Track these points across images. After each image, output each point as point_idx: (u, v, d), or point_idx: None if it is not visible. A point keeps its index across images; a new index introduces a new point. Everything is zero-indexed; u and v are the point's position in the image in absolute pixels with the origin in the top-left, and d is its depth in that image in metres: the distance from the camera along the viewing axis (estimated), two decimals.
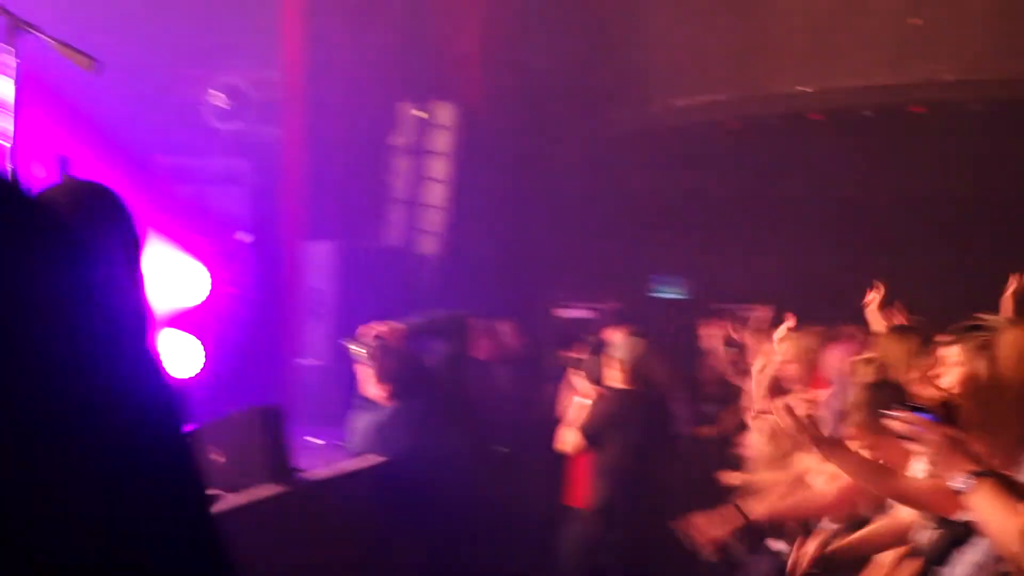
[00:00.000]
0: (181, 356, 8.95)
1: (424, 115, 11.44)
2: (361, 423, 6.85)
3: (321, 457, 6.52)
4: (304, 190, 10.64)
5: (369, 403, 6.94)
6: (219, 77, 10.18)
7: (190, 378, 8.92)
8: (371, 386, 6.88)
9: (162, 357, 2.40)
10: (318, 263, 10.40)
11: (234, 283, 9.65)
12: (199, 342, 8.99)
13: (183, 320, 8.95)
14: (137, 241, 2.49)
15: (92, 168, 7.01)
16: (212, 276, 9.10)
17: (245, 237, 9.93)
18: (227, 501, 4.71)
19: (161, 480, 1.38)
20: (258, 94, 10.32)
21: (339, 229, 10.72)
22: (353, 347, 6.90)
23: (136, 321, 2.32)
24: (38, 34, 4.92)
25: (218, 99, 10.06)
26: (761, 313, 8.86)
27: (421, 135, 11.58)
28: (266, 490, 5.10)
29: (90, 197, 2.48)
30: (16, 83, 4.91)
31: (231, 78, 10.23)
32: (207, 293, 9.07)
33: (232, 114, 10.16)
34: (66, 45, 4.95)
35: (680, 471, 7.99)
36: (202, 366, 9.01)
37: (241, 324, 9.53)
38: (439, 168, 11.53)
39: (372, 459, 6.37)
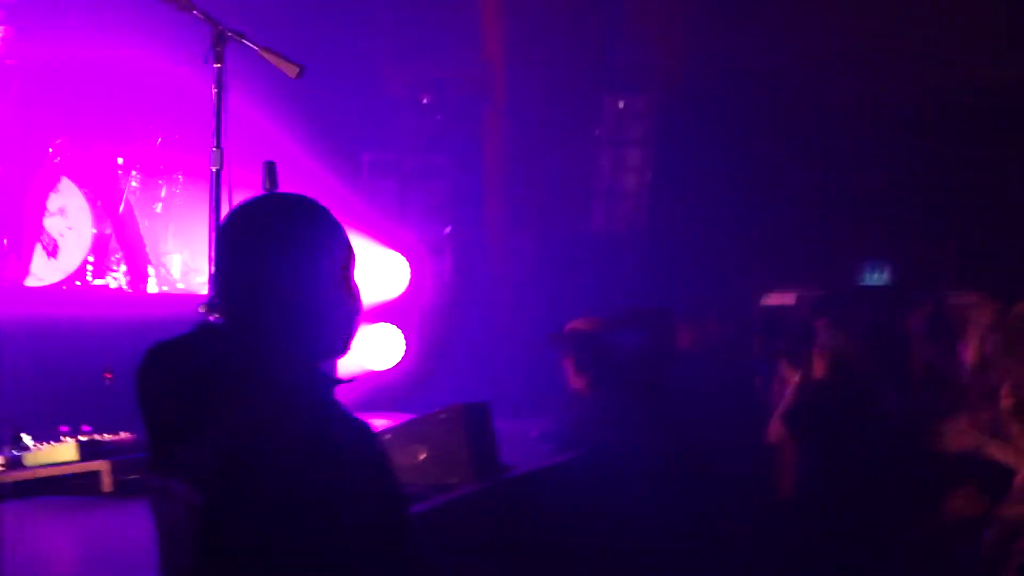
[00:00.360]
0: (383, 348, 9.12)
1: (622, 105, 11.37)
2: (563, 416, 6.86)
3: (525, 451, 6.54)
4: (505, 182, 10.70)
5: (571, 395, 6.94)
6: (422, 73, 10.31)
7: (391, 370, 9.08)
8: (571, 378, 6.88)
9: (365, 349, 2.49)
10: (519, 255, 10.44)
11: (436, 275, 9.77)
12: (401, 334, 9.14)
13: (385, 312, 9.11)
14: (351, 252, 2.52)
15: (300, 169, 7.16)
16: (413, 268, 9.24)
17: (447, 230, 10.04)
18: (430, 499, 4.74)
19: None
20: (459, 88, 10.42)
21: (539, 221, 10.74)
22: (554, 339, 6.90)
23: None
24: (245, 42, 5.05)
25: (421, 95, 10.19)
26: (971, 300, 8.53)
27: (620, 125, 11.51)
28: (471, 487, 5.12)
29: (299, 212, 2.52)
30: (221, 90, 5.05)
31: (433, 73, 10.34)
32: (408, 285, 9.21)
33: (434, 108, 10.28)
34: (273, 52, 5.06)
35: (886, 460, 7.75)
36: (404, 358, 9.16)
37: (443, 316, 9.65)
38: (638, 157, 11.45)
39: (575, 452, 6.36)
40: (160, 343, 2.53)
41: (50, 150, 8.08)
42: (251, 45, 5.08)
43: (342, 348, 2.54)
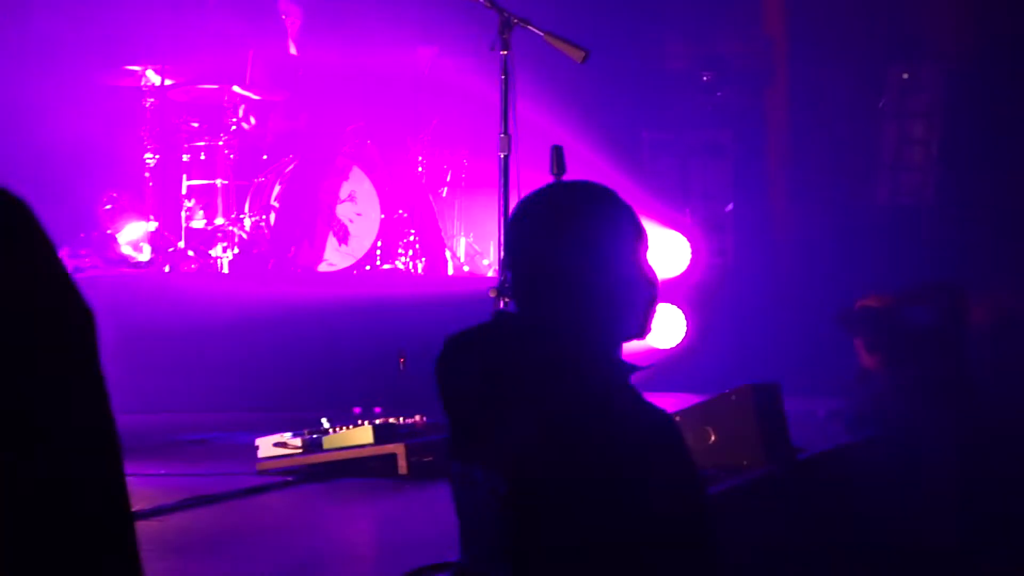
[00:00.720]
0: (665, 328, 9.06)
1: (906, 76, 10.94)
2: (854, 395, 6.67)
3: (815, 431, 6.38)
4: (787, 158, 10.48)
5: (862, 373, 6.74)
6: (703, 50, 10.20)
7: (674, 349, 9.01)
8: (863, 356, 6.68)
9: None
10: (802, 231, 10.20)
11: (718, 254, 9.65)
12: (682, 314, 9.06)
13: (666, 292, 9.04)
14: (643, 235, 2.50)
15: (582, 150, 7.19)
16: (694, 247, 9.14)
17: (729, 207, 9.90)
18: (721, 482, 4.68)
19: None
20: (741, 64, 10.25)
21: (823, 195, 10.47)
22: (844, 317, 6.72)
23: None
24: (531, 28, 5.08)
25: (702, 72, 10.07)
26: None
27: (904, 96, 11.09)
28: (762, 469, 5.02)
29: (590, 198, 2.50)
30: (508, 77, 5.11)
31: (715, 50, 10.22)
32: (689, 264, 9.12)
33: (715, 85, 10.14)
34: (558, 37, 5.08)
35: None
36: (686, 337, 9.07)
37: (725, 294, 9.52)
38: (923, 129, 11.00)
39: (870, 432, 6.17)
40: (458, 333, 2.55)
41: (343, 136, 8.40)
42: (536, 31, 5.12)
43: (640, 331, 2.52)
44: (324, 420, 5.19)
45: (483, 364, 2.47)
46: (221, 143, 8.17)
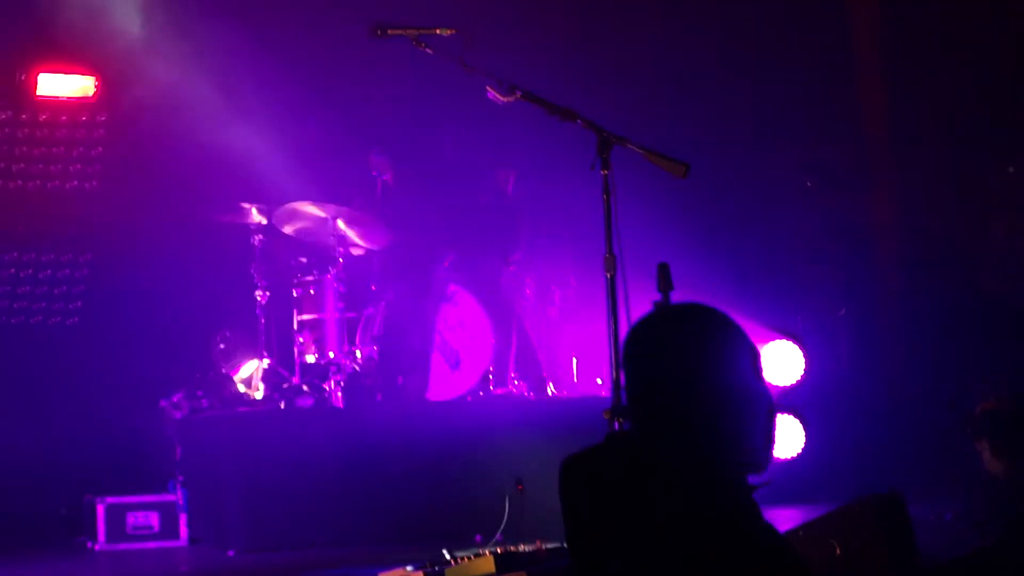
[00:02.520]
0: (784, 437, 8.90)
1: (1012, 170, 10.78)
2: (980, 498, 6.46)
3: (942, 535, 6.21)
4: (897, 261, 10.37)
5: (990, 479, 6.53)
6: (804, 155, 10.20)
7: (791, 459, 8.84)
8: (988, 460, 6.47)
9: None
10: (916, 334, 10.02)
11: (833, 360, 9.53)
12: (800, 423, 8.90)
13: (782, 401, 8.90)
14: (758, 355, 2.49)
15: (688, 265, 7.17)
16: (808, 355, 9.02)
17: (841, 312, 9.80)
18: None
19: None
20: (844, 168, 10.24)
21: (936, 297, 10.28)
22: (968, 421, 6.53)
23: None
24: (630, 146, 5.12)
25: (805, 179, 10.06)
26: None
27: (1012, 191, 10.92)
28: None
29: (705, 321, 2.51)
30: (610, 196, 5.13)
31: (816, 154, 10.21)
32: (803, 372, 8.98)
33: (819, 190, 10.11)
34: (658, 154, 5.10)
35: None
36: (804, 447, 8.90)
37: (842, 402, 9.35)
38: None
39: (998, 537, 5.95)
40: (575, 455, 2.58)
41: (444, 263, 8.49)
42: (636, 149, 5.15)
43: (764, 450, 2.51)
44: (445, 551, 5.16)
45: (599, 484, 2.50)
46: (330, 276, 8.29)
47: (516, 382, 8.47)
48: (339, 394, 8.07)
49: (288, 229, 8.42)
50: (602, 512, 2.46)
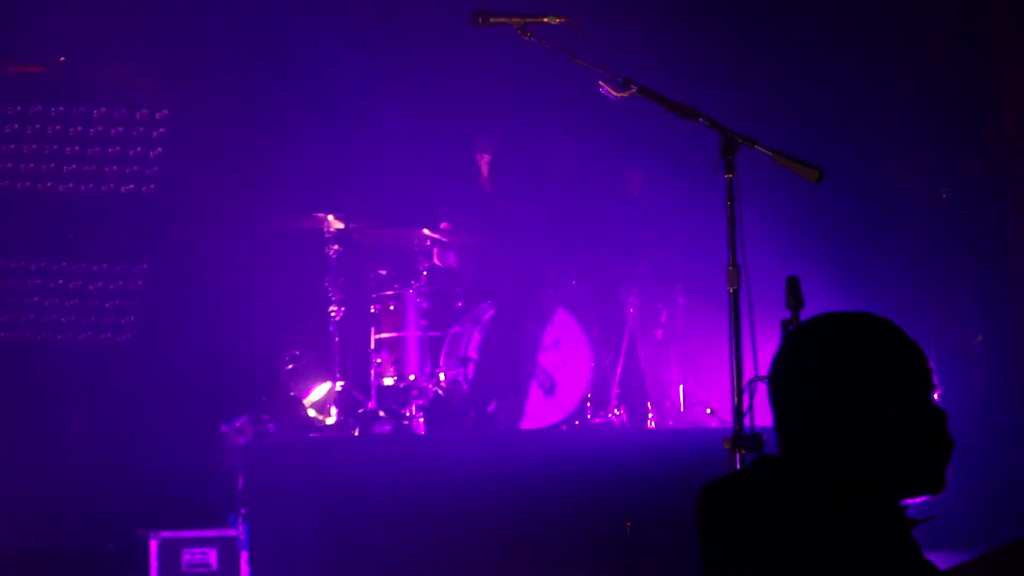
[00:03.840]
0: None
1: None
2: None
3: None
4: None
5: None
6: (937, 165, 10.14)
7: (927, 498, 8.76)
8: None
9: None
10: None
11: (969, 390, 9.46)
12: None
13: None
14: (929, 371, 2.49)
15: (816, 279, 7.16)
16: (942, 382, 8.97)
17: (979, 338, 9.73)
18: None
19: None
20: (984, 180, 10.16)
21: None
22: None
23: None
24: (758, 148, 5.14)
25: (940, 190, 9.99)
26: None
27: None
28: None
29: (870, 331, 2.52)
30: (733, 201, 5.16)
31: (948, 164, 10.15)
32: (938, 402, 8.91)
33: (954, 203, 10.05)
34: (789, 157, 5.12)
35: None
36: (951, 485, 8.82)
37: (981, 435, 9.27)
38: None
39: None
40: (715, 482, 2.61)
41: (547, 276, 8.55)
42: (765, 151, 5.17)
43: (935, 481, 2.51)
44: None
45: (748, 515, 2.50)
46: (412, 291, 8.37)
47: (617, 410, 8.49)
48: (420, 420, 8.14)
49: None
50: (749, 542, 2.47)
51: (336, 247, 8.54)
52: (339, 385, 8.47)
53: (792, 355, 2.58)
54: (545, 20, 5.62)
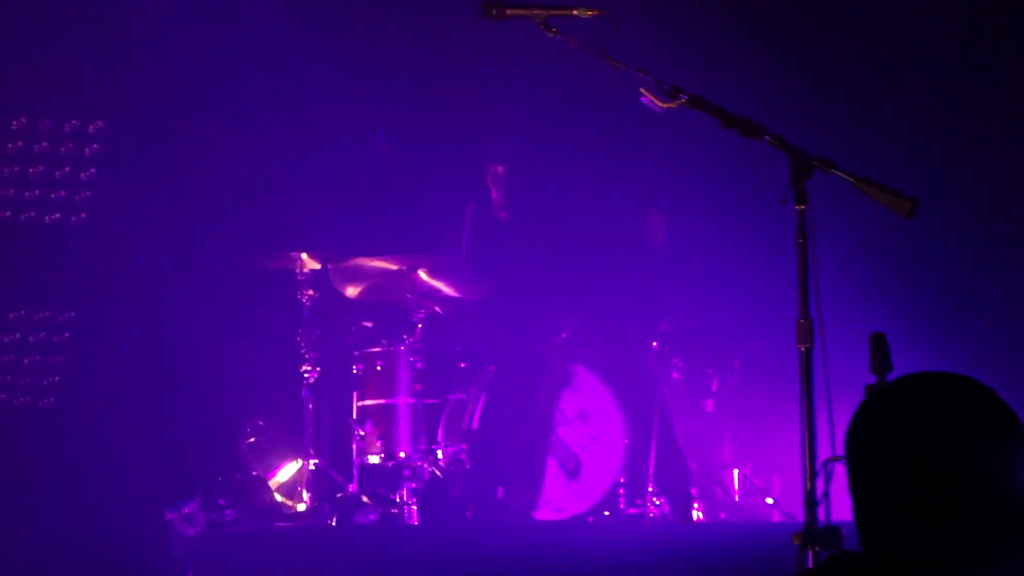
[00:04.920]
0: None
1: None
2: None
3: None
4: None
5: None
6: None
7: None
8: None
9: None
10: None
11: None
12: None
13: None
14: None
15: (903, 339, 7.17)
16: None
17: None
18: None
19: None
20: None
21: None
22: None
23: None
24: (838, 172, 5.16)
25: None
26: None
27: None
28: None
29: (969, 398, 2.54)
30: (807, 241, 5.17)
31: None
32: None
33: None
34: (877, 185, 5.13)
35: None
36: None
37: None
38: None
39: None
40: None
41: (562, 335, 8.53)
42: (845, 176, 5.17)
43: None
44: None
45: None
46: (404, 348, 8.37)
47: (656, 499, 8.46)
48: (413, 508, 8.13)
49: (351, 292, 8.56)
50: None
51: (311, 292, 8.56)
52: (312, 463, 8.47)
53: (876, 427, 2.59)
54: (575, 13, 5.62)
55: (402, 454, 8.34)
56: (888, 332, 5.16)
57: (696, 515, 8.68)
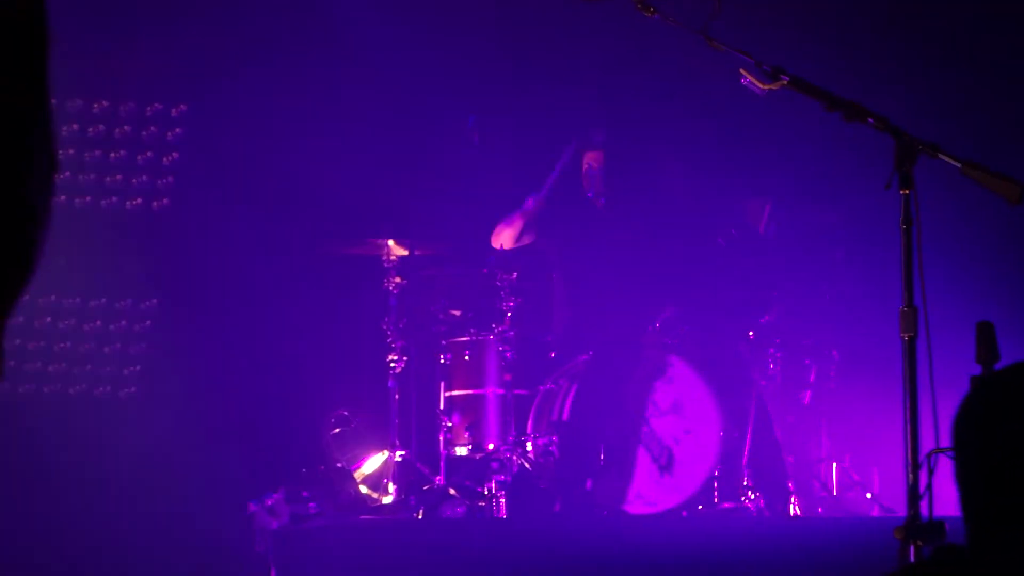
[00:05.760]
0: None
1: None
2: None
3: None
4: None
5: None
6: None
7: None
8: None
9: None
10: None
11: None
12: None
13: None
14: None
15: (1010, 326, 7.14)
16: None
17: None
18: None
19: None
20: None
21: None
22: None
23: None
24: (944, 157, 5.15)
25: None
26: None
27: None
28: None
29: None
30: (912, 226, 5.17)
31: None
32: None
33: None
34: (986, 170, 5.12)
35: None
36: None
37: None
38: None
39: None
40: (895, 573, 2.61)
41: (656, 325, 8.54)
42: (951, 161, 5.17)
43: None
44: None
45: None
46: (492, 337, 8.41)
47: (752, 493, 8.45)
48: (502, 500, 8.18)
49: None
50: None
51: (398, 280, 8.61)
52: (399, 455, 8.52)
53: (984, 417, 2.59)
54: None
55: (490, 446, 8.39)
56: (995, 321, 5.16)
57: (793, 510, 8.66)
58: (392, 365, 8.59)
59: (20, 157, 1.72)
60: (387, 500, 8.56)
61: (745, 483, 8.44)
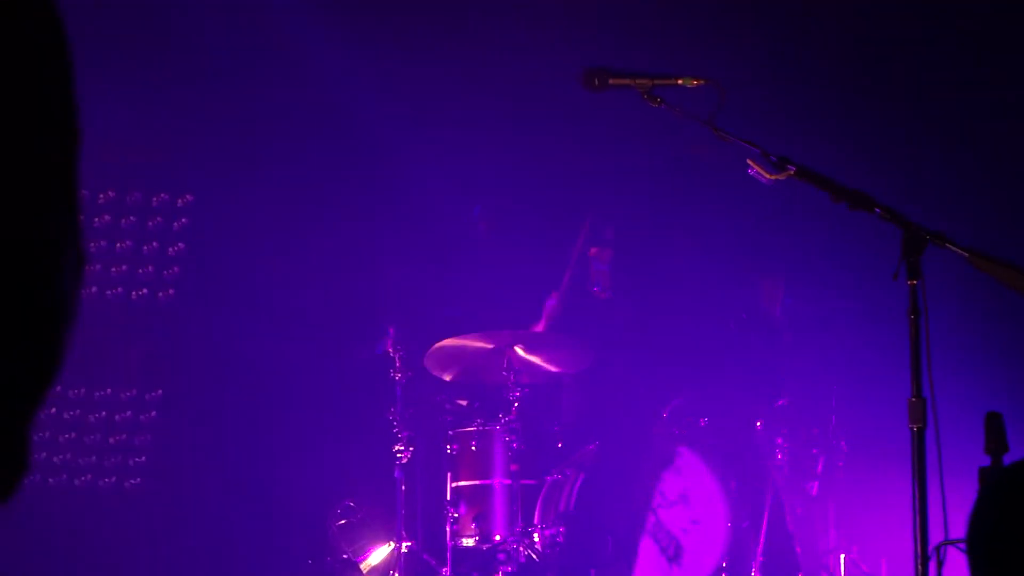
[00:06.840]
0: None
1: None
2: None
3: None
4: None
5: None
6: None
7: None
8: None
9: None
10: None
11: None
12: None
13: None
14: None
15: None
16: None
17: None
18: None
19: None
20: None
21: None
22: None
23: None
24: (952, 247, 5.17)
25: None
26: None
27: None
28: None
29: None
30: (920, 317, 5.18)
31: None
32: None
33: None
34: (995, 260, 5.13)
35: None
36: None
37: None
38: None
39: None
40: None
41: (664, 414, 8.52)
42: (959, 251, 5.19)
43: None
44: None
45: None
46: (499, 427, 8.41)
47: None
48: None
49: (447, 376, 8.62)
50: None
51: (404, 370, 8.63)
52: (405, 546, 8.50)
53: (995, 511, 2.59)
54: (680, 82, 5.67)
55: (497, 537, 8.36)
56: (1004, 412, 5.15)
57: None
58: (398, 455, 8.59)
59: (52, 250, 1.74)
60: None
61: (753, 574, 8.41)
